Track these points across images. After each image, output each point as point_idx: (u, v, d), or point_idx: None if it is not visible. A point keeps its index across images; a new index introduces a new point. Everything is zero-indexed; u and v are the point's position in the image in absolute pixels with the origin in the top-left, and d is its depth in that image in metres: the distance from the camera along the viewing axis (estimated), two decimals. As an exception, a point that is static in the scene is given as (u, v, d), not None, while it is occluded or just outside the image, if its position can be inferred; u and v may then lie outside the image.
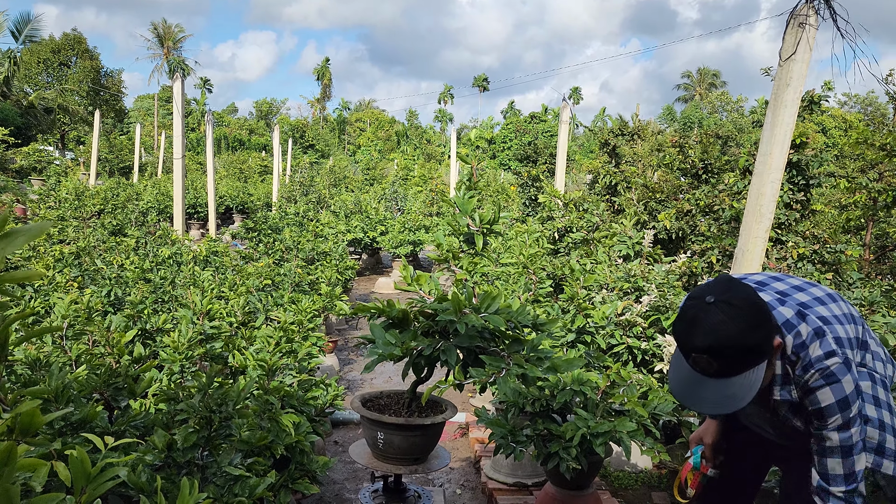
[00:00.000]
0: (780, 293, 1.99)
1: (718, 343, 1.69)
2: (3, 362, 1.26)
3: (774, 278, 2.10)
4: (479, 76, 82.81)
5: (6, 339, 1.26)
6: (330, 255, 9.56)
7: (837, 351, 1.80)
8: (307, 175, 22.96)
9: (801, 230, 6.64)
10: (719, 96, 61.25)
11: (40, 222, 1.29)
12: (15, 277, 1.27)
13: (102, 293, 5.76)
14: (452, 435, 5.28)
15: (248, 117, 73.53)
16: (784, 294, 1.99)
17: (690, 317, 1.75)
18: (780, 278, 2.10)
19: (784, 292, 2.00)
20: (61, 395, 2.73)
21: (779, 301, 1.94)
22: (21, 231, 1.25)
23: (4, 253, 1.24)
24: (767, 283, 2.06)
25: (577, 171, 27.83)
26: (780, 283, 2.06)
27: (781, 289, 2.02)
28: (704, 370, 1.75)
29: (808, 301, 1.95)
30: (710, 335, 1.70)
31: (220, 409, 2.80)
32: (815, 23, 4.41)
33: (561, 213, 8.45)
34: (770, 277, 2.11)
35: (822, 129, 35.44)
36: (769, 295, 1.98)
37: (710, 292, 1.75)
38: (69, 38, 44.59)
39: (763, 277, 2.11)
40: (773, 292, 2.00)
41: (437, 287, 2.98)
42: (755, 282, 2.08)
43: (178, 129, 11.08)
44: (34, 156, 23.42)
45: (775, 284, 2.05)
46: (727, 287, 1.77)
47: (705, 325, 1.71)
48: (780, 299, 1.96)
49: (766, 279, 2.10)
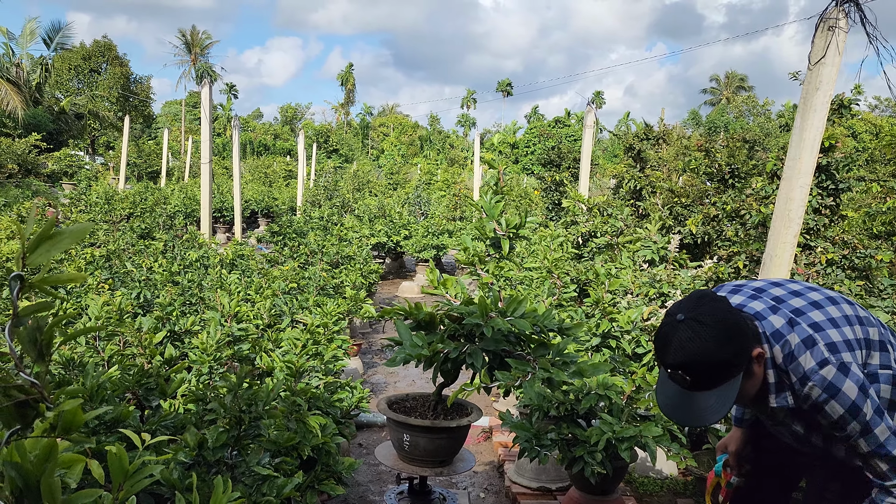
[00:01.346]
0: (775, 299, 1.97)
1: (688, 359, 1.76)
2: (48, 363, 1.30)
3: (775, 284, 2.07)
4: (502, 81, 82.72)
5: (51, 339, 1.30)
6: (354, 258, 9.63)
7: (830, 358, 1.78)
8: (331, 179, 23.13)
9: (831, 235, 6.56)
10: (746, 100, 60.62)
11: (83, 223, 1.33)
12: (59, 279, 1.31)
13: (132, 295, 5.86)
14: (476, 438, 5.29)
15: (273, 122, 74.20)
16: (779, 300, 1.96)
17: (663, 334, 1.83)
18: (780, 283, 2.07)
19: (779, 298, 1.97)
20: (96, 395, 2.80)
21: (772, 308, 1.92)
22: (66, 232, 1.29)
23: (51, 254, 1.29)
24: (765, 290, 2.03)
25: (601, 176, 27.72)
26: (779, 289, 2.02)
27: (777, 294, 1.99)
28: (681, 384, 1.81)
29: (802, 307, 1.92)
30: (679, 352, 1.76)
31: (249, 409, 2.85)
32: (844, 26, 4.37)
33: (585, 217, 8.43)
34: (770, 283, 2.08)
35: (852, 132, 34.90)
36: (763, 303, 1.95)
37: (682, 309, 1.81)
38: (100, 45, 45.41)
39: (763, 284, 2.08)
40: (769, 299, 1.97)
41: (464, 290, 3.00)
42: (754, 289, 2.05)
43: (206, 134, 11.24)
44: (65, 161, 23.87)
45: (773, 290, 2.02)
46: (697, 304, 1.82)
47: (675, 343, 1.77)
48: (773, 306, 1.94)
49: (765, 285, 2.06)
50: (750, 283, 2.14)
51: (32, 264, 1.25)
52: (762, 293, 2.01)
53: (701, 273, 5.68)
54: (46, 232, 1.24)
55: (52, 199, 16.14)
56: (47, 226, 1.24)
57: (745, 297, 1.99)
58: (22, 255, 1.23)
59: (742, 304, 1.96)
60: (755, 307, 1.92)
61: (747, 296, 2.00)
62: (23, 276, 1.23)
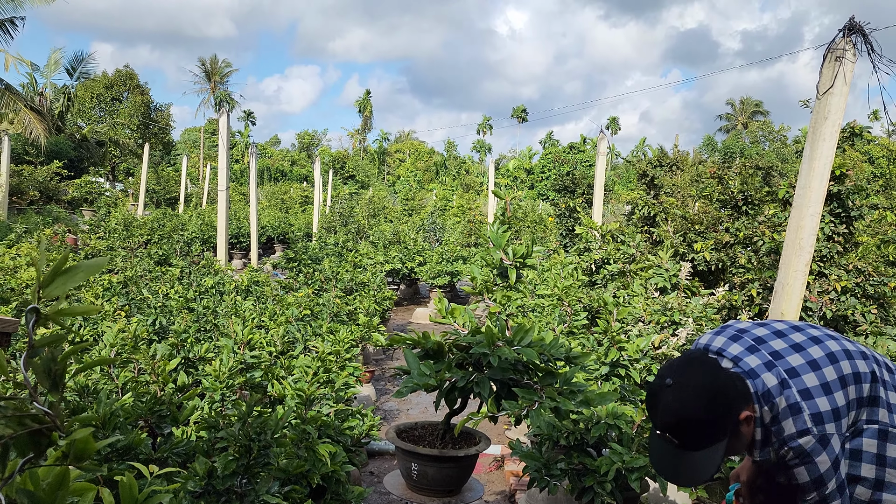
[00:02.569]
0: (756, 340, 1.96)
1: (674, 423, 1.81)
2: (62, 392, 1.34)
3: (760, 325, 2.05)
4: (517, 107, 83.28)
5: (64, 369, 1.35)
6: (368, 285, 9.68)
7: (812, 429, 1.80)
8: (347, 205, 23.31)
9: (844, 263, 6.53)
10: (761, 126, 60.51)
11: (98, 259, 1.38)
12: (74, 311, 1.36)
13: (148, 322, 5.93)
14: (488, 467, 5.27)
15: (291, 149, 74.99)
16: (759, 341, 1.95)
17: (652, 396, 1.88)
18: (766, 324, 2.05)
19: (760, 338, 1.96)
20: (109, 422, 2.84)
21: (767, 365, 1.90)
22: (81, 267, 1.35)
23: (66, 288, 1.34)
24: (747, 331, 2.01)
25: (615, 202, 27.68)
26: (762, 329, 2.01)
27: (759, 334, 1.98)
28: (669, 443, 1.85)
29: (782, 350, 1.91)
30: (666, 416, 1.81)
31: (259, 437, 2.87)
32: (852, 57, 4.40)
33: (598, 244, 8.44)
34: (755, 325, 2.05)
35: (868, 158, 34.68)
36: (741, 346, 1.95)
37: (670, 373, 1.85)
38: (121, 74, 46.32)
39: (748, 325, 2.06)
40: (750, 339, 1.96)
41: (472, 319, 3.02)
42: (737, 329, 2.03)
43: (223, 161, 11.40)
44: (85, 187, 24.27)
45: (756, 331, 2.01)
46: (685, 367, 1.86)
47: (662, 406, 1.82)
48: (752, 346, 1.94)
49: (750, 326, 2.04)
50: (735, 324, 2.09)
51: (48, 296, 1.30)
52: (743, 334, 2.00)
53: (713, 301, 5.66)
54: (61, 266, 1.29)
55: (71, 226, 16.38)
56: (61, 259, 1.29)
57: (744, 349, 1.96)
58: (37, 289, 1.28)
59: (738, 357, 1.94)
60: (750, 362, 1.90)
61: (746, 346, 1.96)
62: (38, 309, 1.28)
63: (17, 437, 1.28)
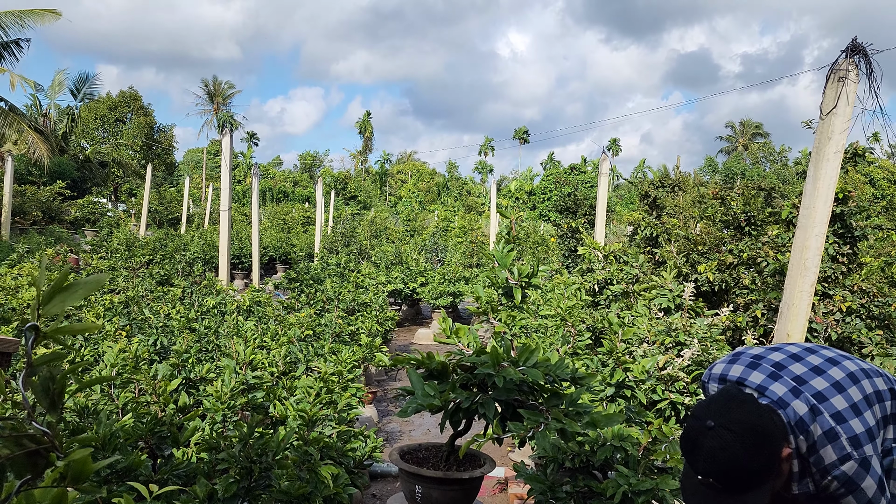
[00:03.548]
0: (775, 366, 1.91)
1: (719, 469, 1.71)
2: (60, 412, 1.31)
3: (773, 349, 2.00)
4: (519, 128, 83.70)
5: (63, 389, 1.32)
6: (370, 305, 9.64)
7: (853, 454, 1.74)
8: (349, 226, 23.33)
9: (849, 284, 6.49)
10: (762, 147, 60.72)
11: (97, 276, 1.36)
12: (73, 329, 1.34)
13: (149, 342, 5.89)
14: (491, 490, 5.21)
15: (293, 169, 75.30)
16: (779, 367, 1.91)
17: (692, 440, 1.77)
18: (779, 348, 2.00)
19: (780, 364, 1.92)
20: (108, 443, 2.80)
21: (793, 392, 1.85)
22: (80, 284, 1.32)
23: (65, 305, 1.32)
24: (764, 357, 1.96)
25: (617, 223, 27.71)
26: (778, 354, 1.96)
27: (777, 360, 1.94)
28: (712, 487, 1.77)
29: (803, 374, 1.86)
30: (710, 462, 1.72)
31: (260, 459, 2.83)
32: (854, 77, 4.41)
33: (601, 265, 8.42)
34: (768, 349, 2.01)
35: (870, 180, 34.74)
36: (762, 373, 1.90)
37: (710, 414, 1.76)
38: (125, 96, 46.67)
39: (761, 350, 2.01)
40: (770, 366, 1.92)
41: (476, 339, 2.99)
42: (752, 356, 1.98)
43: (226, 181, 11.43)
44: (88, 207, 24.32)
45: (772, 356, 1.96)
46: (726, 408, 1.76)
47: (705, 451, 1.73)
48: (773, 373, 1.89)
49: (764, 352, 1.99)
50: (748, 351, 2.04)
51: (47, 314, 1.27)
52: (761, 360, 1.95)
53: (718, 322, 5.63)
54: (60, 283, 1.27)
55: (74, 246, 16.39)
56: (61, 277, 1.27)
57: (766, 377, 1.90)
58: (37, 307, 1.26)
59: (763, 387, 1.88)
60: (776, 391, 1.84)
61: (767, 374, 1.90)
62: (38, 327, 1.26)
63: (14, 457, 1.25)
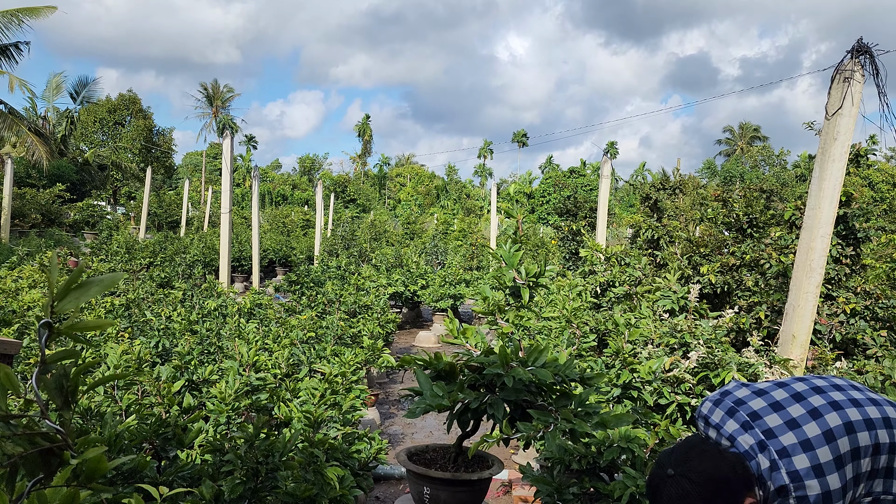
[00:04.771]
0: (751, 415, 1.89)
1: None
2: (73, 409, 1.30)
3: (759, 393, 1.96)
4: (518, 132, 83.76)
5: (76, 386, 1.30)
6: (372, 308, 9.62)
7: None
8: (348, 229, 23.30)
9: (853, 285, 6.48)
10: (761, 150, 60.79)
11: (114, 274, 1.34)
12: (88, 326, 1.32)
13: (151, 344, 5.87)
14: (495, 493, 5.18)
15: (292, 173, 75.30)
16: (754, 416, 1.88)
17: (654, 486, 1.83)
18: (765, 392, 1.96)
19: (756, 413, 1.89)
20: (114, 445, 2.78)
21: (744, 426, 1.86)
22: (95, 282, 1.31)
23: (79, 302, 1.30)
24: (745, 402, 1.94)
25: (617, 226, 27.70)
26: (759, 401, 1.93)
27: (755, 408, 1.91)
28: None
29: (776, 427, 1.83)
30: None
31: (266, 460, 2.81)
32: (860, 78, 4.40)
33: (603, 267, 8.40)
34: (755, 393, 1.97)
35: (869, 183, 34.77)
36: (736, 422, 1.89)
37: (671, 463, 1.81)
38: (124, 99, 46.65)
39: (747, 393, 1.98)
40: (745, 414, 1.90)
41: (484, 340, 2.97)
42: (734, 401, 1.95)
43: (226, 184, 11.41)
44: (87, 210, 24.31)
45: (753, 403, 1.93)
46: (686, 457, 1.81)
47: (664, 498, 1.79)
48: (746, 423, 1.87)
49: (748, 396, 1.96)
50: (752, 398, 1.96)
51: (61, 311, 1.26)
52: (740, 407, 1.92)
53: (722, 323, 5.61)
54: (75, 279, 1.25)
55: (73, 249, 16.36)
56: (76, 273, 1.25)
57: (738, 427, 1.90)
58: (50, 303, 1.25)
59: (733, 437, 1.89)
60: (744, 443, 1.85)
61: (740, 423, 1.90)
62: (51, 324, 1.24)
63: (27, 456, 1.24)
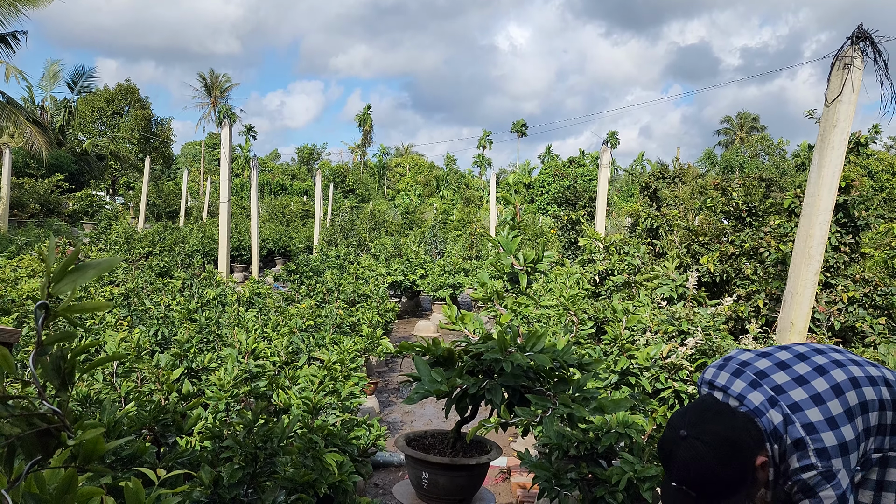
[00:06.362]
0: (757, 374, 1.92)
1: (692, 478, 1.75)
2: (70, 390, 1.30)
3: (763, 355, 2.00)
4: (517, 121, 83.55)
5: (74, 368, 1.30)
6: (371, 297, 9.63)
7: (816, 464, 1.77)
8: (347, 219, 23.30)
9: (851, 274, 6.49)
10: (760, 140, 60.71)
11: (110, 258, 1.34)
12: (85, 307, 1.32)
13: (150, 332, 5.88)
14: (494, 479, 5.20)
15: (291, 163, 75.14)
16: (761, 375, 1.92)
17: (666, 449, 1.82)
18: (769, 354, 2.00)
19: (763, 372, 1.92)
20: (113, 431, 2.79)
21: (770, 401, 1.87)
22: (92, 265, 1.31)
23: (75, 285, 1.30)
24: (750, 364, 1.98)
25: (616, 215, 27.70)
26: (764, 361, 1.97)
27: (761, 367, 1.94)
28: (687, 495, 1.80)
29: (784, 383, 1.87)
30: (683, 470, 1.76)
31: (265, 445, 2.82)
32: (860, 64, 4.39)
33: (601, 255, 8.41)
34: (758, 355, 2.01)
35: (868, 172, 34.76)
36: (744, 381, 1.92)
37: (684, 424, 1.80)
38: (122, 89, 46.50)
39: (751, 356, 2.02)
40: (752, 374, 1.93)
41: (482, 326, 2.98)
42: (739, 363, 1.99)
43: (225, 172, 11.39)
44: (86, 200, 24.27)
45: (758, 363, 1.96)
46: (700, 418, 1.80)
47: (679, 460, 1.77)
48: (754, 381, 1.90)
49: (752, 358, 2.00)
50: (740, 355, 2.04)
51: (57, 293, 1.26)
52: (746, 367, 1.95)
53: (720, 311, 5.62)
54: (71, 261, 1.25)
55: (72, 239, 16.36)
56: (72, 256, 1.25)
57: (746, 385, 1.92)
58: (47, 285, 1.25)
59: (742, 395, 1.91)
60: (754, 400, 1.87)
61: (748, 382, 1.92)
62: (48, 305, 1.24)
63: (25, 437, 1.24)
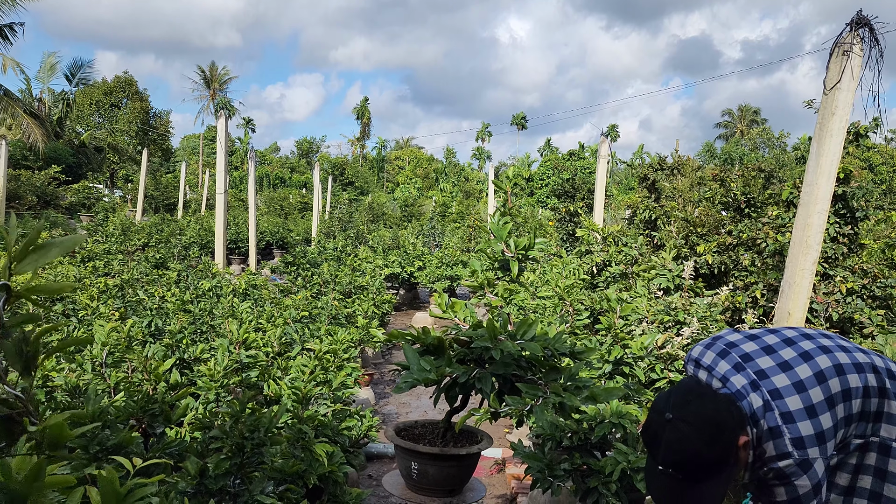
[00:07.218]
0: (742, 357, 1.92)
1: (677, 459, 1.78)
2: (34, 373, 1.25)
3: (750, 337, 1.99)
4: (517, 114, 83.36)
5: (37, 351, 1.26)
6: (367, 288, 9.58)
7: (793, 453, 1.76)
8: (346, 211, 23.23)
9: (850, 264, 6.44)
10: (761, 132, 60.60)
11: (74, 236, 1.30)
12: (49, 289, 1.28)
13: (143, 324, 5.83)
14: (489, 471, 5.17)
15: (290, 156, 75.02)
16: (746, 358, 1.91)
17: (652, 432, 1.84)
18: (756, 337, 1.99)
19: (748, 355, 1.92)
20: (98, 420, 2.74)
21: (736, 367, 1.88)
22: (55, 243, 1.26)
23: (39, 264, 1.25)
24: (736, 345, 1.97)
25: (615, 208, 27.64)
26: (751, 344, 1.96)
27: (747, 350, 1.93)
28: (672, 477, 1.82)
29: (768, 368, 1.86)
30: (669, 452, 1.78)
31: (252, 435, 2.78)
32: (859, 51, 4.33)
33: (599, 246, 8.36)
34: (746, 337, 2.00)
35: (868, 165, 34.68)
36: (728, 363, 1.92)
37: (669, 407, 1.81)
38: (120, 81, 46.34)
39: (739, 337, 2.01)
40: (737, 356, 1.92)
41: (473, 314, 2.93)
42: (725, 344, 1.98)
43: (221, 163, 11.33)
44: (83, 192, 24.19)
45: (745, 346, 1.95)
46: (684, 400, 1.82)
47: (664, 443, 1.79)
48: (738, 364, 1.90)
49: (739, 340, 1.99)
50: (728, 335, 2.03)
51: (19, 272, 1.21)
52: (732, 348, 1.95)
53: (717, 301, 5.58)
54: (33, 240, 1.20)
55: (69, 230, 16.29)
56: (33, 234, 1.20)
57: (730, 367, 1.92)
58: (8, 265, 1.20)
59: (725, 377, 1.91)
60: (736, 383, 1.87)
61: (732, 364, 1.92)
62: (9, 286, 1.20)
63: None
